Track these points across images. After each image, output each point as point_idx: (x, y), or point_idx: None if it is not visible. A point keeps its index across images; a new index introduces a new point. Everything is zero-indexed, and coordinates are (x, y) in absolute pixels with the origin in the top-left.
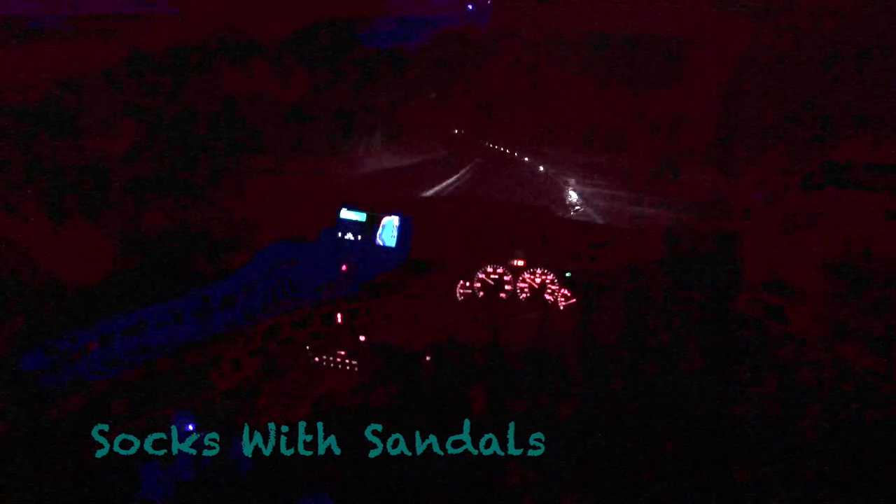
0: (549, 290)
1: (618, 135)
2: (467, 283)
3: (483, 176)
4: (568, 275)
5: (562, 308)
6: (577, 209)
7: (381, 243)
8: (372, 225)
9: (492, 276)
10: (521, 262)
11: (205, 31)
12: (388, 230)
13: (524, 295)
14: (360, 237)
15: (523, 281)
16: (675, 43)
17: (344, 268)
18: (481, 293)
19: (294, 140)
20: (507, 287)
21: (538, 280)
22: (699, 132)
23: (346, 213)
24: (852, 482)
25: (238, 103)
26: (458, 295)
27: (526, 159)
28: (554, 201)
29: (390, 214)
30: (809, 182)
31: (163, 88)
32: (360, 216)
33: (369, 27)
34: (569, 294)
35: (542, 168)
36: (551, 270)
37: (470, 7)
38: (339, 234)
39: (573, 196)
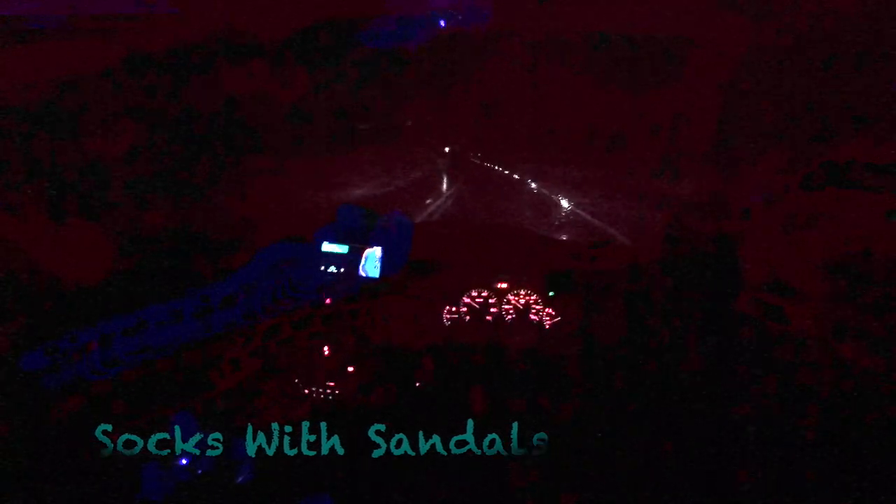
0: (534, 311)
1: (618, 135)
2: (453, 308)
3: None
4: (552, 294)
5: (548, 327)
6: (577, 211)
7: (364, 274)
8: (354, 257)
9: (477, 300)
10: (505, 285)
11: (205, 31)
12: (371, 261)
13: (510, 317)
14: (342, 269)
15: (508, 303)
16: (675, 43)
17: (328, 301)
18: (468, 317)
19: (294, 140)
20: (492, 310)
21: (523, 301)
22: (699, 132)
23: (327, 247)
24: (852, 482)
25: (238, 103)
26: (444, 320)
27: (520, 176)
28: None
29: (373, 245)
30: (809, 182)
31: (163, 88)
32: (342, 248)
33: (369, 27)
34: (554, 313)
35: (535, 185)
36: (535, 291)
37: (470, 7)
38: (322, 268)
39: (570, 200)
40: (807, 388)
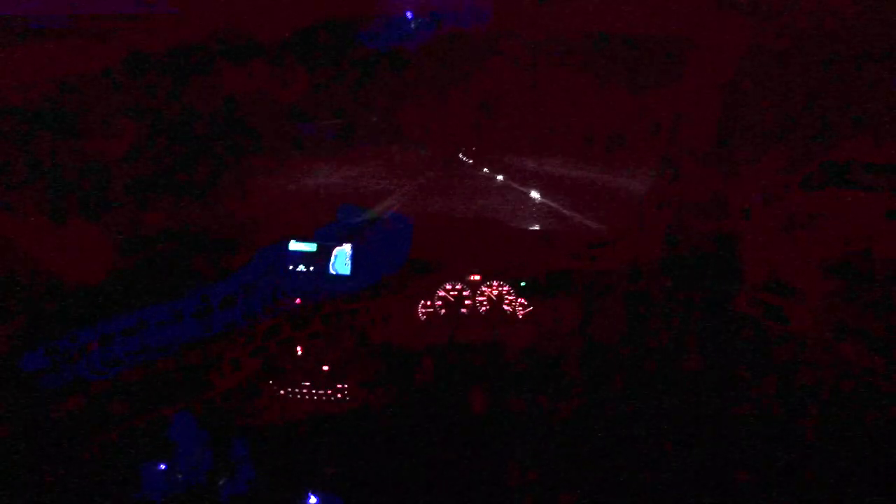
0: (506, 301)
1: (618, 135)
2: (428, 302)
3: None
4: (523, 284)
5: (521, 317)
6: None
7: (334, 272)
8: (323, 255)
9: (451, 293)
10: (477, 277)
11: (205, 31)
12: (342, 259)
13: (483, 308)
14: (311, 268)
15: (481, 294)
16: (675, 43)
17: (298, 301)
18: (443, 311)
19: (294, 140)
20: (466, 302)
21: (495, 292)
22: (699, 132)
23: (294, 245)
24: (852, 482)
25: (238, 103)
26: (420, 315)
27: (520, 176)
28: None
29: (342, 243)
30: (809, 182)
31: (163, 88)
32: (310, 247)
33: (369, 27)
34: (525, 303)
35: (535, 184)
36: (506, 282)
37: (470, 7)
38: (290, 267)
39: (570, 200)
40: (807, 388)
